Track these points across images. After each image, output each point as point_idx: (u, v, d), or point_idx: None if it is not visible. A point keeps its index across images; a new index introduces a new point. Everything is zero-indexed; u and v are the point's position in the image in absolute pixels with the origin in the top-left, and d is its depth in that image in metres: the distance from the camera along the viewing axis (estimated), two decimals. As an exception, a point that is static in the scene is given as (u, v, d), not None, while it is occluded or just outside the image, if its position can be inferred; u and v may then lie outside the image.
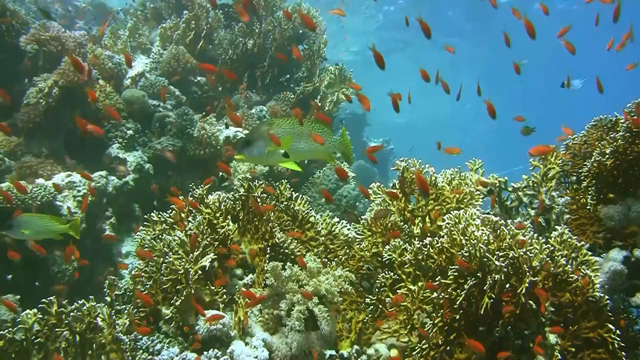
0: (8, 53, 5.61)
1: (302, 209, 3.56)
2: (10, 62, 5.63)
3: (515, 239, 2.72)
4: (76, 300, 4.82)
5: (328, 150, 3.36)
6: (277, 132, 3.18)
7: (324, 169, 6.71)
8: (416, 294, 2.91)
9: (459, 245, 2.83)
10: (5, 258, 4.65)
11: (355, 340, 3.19)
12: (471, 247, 2.70)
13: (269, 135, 3.13)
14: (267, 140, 3.14)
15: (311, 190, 6.54)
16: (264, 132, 3.18)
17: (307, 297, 2.88)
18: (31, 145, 5.46)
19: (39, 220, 3.65)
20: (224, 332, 2.90)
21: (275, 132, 3.16)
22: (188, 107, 5.96)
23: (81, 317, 2.82)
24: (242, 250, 3.37)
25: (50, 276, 4.86)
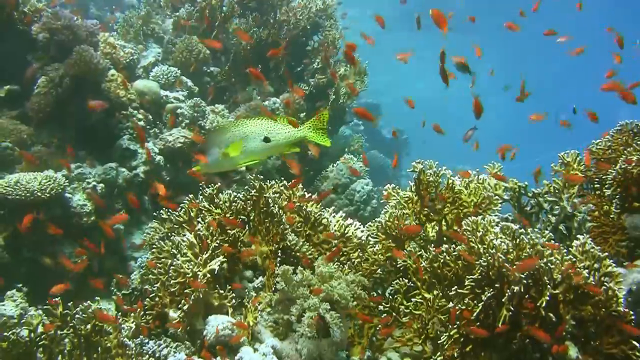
0: (20, 41, 5.53)
1: (315, 211, 3.47)
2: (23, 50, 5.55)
3: (535, 249, 2.62)
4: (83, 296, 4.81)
5: (288, 142, 3.40)
6: (225, 137, 3.25)
7: (337, 163, 6.62)
8: (431, 302, 2.82)
9: (477, 253, 2.73)
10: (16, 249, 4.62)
11: (367, 346, 3.10)
12: (489, 256, 2.61)
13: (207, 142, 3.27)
14: (220, 148, 3.24)
15: (323, 185, 6.46)
16: (216, 140, 3.26)
17: (317, 293, 2.81)
18: (41, 135, 5.38)
19: None
20: (232, 336, 2.82)
21: (225, 137, 3.24)
22: (200, 99, 5.86)
23: (86, 319, 2.75)
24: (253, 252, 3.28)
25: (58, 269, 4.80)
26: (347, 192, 6.35)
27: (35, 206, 4.59)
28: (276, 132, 3.38)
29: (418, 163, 3.38)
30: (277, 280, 2.93)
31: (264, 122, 3.35)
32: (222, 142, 3.31)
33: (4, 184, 4.57)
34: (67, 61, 5.27)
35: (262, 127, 3.34)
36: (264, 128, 3.34)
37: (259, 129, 3.33)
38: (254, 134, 3.31)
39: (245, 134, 3.30)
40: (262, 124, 3.34)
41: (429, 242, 3.28)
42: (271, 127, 3.36)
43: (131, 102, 5.71)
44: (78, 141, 5.48)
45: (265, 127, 3.34)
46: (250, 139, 3.32)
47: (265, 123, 3.36)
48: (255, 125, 3.33)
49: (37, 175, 4.70)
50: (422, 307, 2.85)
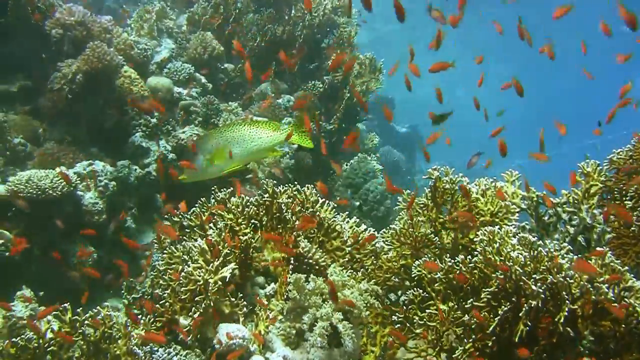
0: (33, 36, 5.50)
1: (329, 216, 3.41)
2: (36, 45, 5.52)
3: (553, 262, 2.56)
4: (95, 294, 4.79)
5: (270, 146, 3.46)
6: (209, 144, 3.30)
7: (351, 162, 6.57)
8: (446, 314, 2.76)
9: (493, 265, 2.68)
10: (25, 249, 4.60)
11: (379, 355, 3.05)
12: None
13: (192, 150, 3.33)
14: (204, 155, 3.30)
15: (337, 183, 6.41)
16: (201, 147, 3.33)
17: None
18: (54, 131, 5.36)
19: None
20: (243, 346, 2.78)
21: (208, 145, 3.30)
22: (214, 96, 5.82)
23: (95, 325, 2.71)
24: (265, 258, 3.23)
25: (69, 267, 4.78)
26: (361, 192, 6.29)
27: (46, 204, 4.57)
28: (258, 137, 3.41)
29: (434, 170, 3.33)
30: (289, 289, 2.89)
31: (246, 128, 3.39)
32: (205, 149, 3.35)
33: (15, 181, 4.55)
34: (81, 57, 5.23)
35: (245, 133, 3.37)
36: (246, 133, 3.37)
37: (242, 135, 3.36)
38: (237, 140, 3.35)
39: (228, 141, 3.34)
40: (245, 130, 3.38)
41: (444, 250, 3.22)
42: (253, 132, 3.39)
43: (144, 98, 5.67)
44: (91, 138, 5.45)
45: (247, 132, 3.37)
46: (233, 145, 3.35)
47: (247, 128, 3.40)
48: (238, 131, 3.37)
49: (49, 173, 4.67)
50: (437, 318, 2.79)
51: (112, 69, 5.30)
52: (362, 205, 6.30)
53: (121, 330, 2.74)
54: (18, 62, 5.45)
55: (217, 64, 6.49)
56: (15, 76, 5.53)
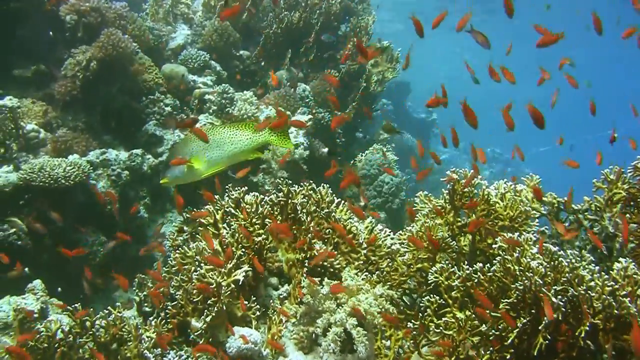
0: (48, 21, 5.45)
1: (344, 217, 3.35)
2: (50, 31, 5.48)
3: (575, 274, 2.49)
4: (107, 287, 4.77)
5: (250, 148, 3.48)
6: (189, 147, 3.34)
7: (366, 153, 6.50)
8: (463, 323, 2.70)
9: (512, 275, 2.61)
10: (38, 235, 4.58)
11: (394, 359, 3.00)
12: (526, 279, 2.49)
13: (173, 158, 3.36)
14: (184, 159, 3.33)
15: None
16: (179, 152, 3.36)
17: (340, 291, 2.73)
18: (67, 118, 5.32)
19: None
20: (256, 351, 2.73)
21: (188, 149, 3.33)
22: (229, 85, 5.75)
23: (106, 327, 2.68)
24: (278, 258, 3.18)
25: (81, 257, 4.75)
26: (376, 184, 6.23)
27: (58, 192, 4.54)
28: (238, 139, 3.43)
29: (452, 172, 3.26)
30: (303, 292, 2.84)
31: (225, 130, 3.41)
32: (186, 153, 3.37)
33: (27, 170, 4.52)
34: (95, 44, 5.19)
35: (224, 136, 3.39)
36: (225, 136, 3.39)
37: (221, 138, 3.39)
38: (217, 143, 3.38)
39: (208, 144, 3.36)
40: (224, 133, 3.40)
41: (462, 254, 3.15)
42: (233, 135, 3.42)
43: (158, 86, 5.62)
44: (104, 125, 5.41)
45: (227, 135, 3.40)
46: (214, 148, 3.38)
47: (227, 131, 3.41)
48: (217, 134, 3.39)
49: (62, 161, 4.64)
50: (454, 325, 2.73)
51: (126, 56, 5.25)
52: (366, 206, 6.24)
53: (132, 332, 2.70)
54: (33, 47, 5.41)
55: (233, 50, 6.42)
56: (29, 61, 5.49)
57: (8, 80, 5.48)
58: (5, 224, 4.52)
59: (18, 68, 5.50)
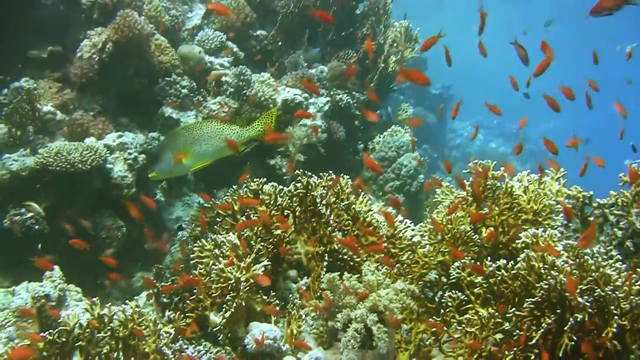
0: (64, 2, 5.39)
1: (364, 210, 3.31)
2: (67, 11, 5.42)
3: (601, 272, 2.44)
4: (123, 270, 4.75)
5: (239, 143, 3.51)
6: (177, 142, 3.38)
7: (384, 135, 6.43)
8: (486, 320, 2.66)
9: (537, 273, 2.57)
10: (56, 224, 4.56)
11: (413, 353, 2.97)
12: (551, 278, 2.44)
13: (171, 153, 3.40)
14: (172, 153, 3.38)
15: (369, 157, 6.28)
16: (168, 146, 3.41)
17: (363, 297, 2.69)
18: (83, 100, 5.28)
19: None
20: (275, 347, 2.71)
21: (176, 143, 3.38)
22: (246, 67, 5.68)
23: (125, 322, 2.65)
24: (298, 251, 3.15)
25: (98, 242, 4.74)
26: (394, 166, 6.16)
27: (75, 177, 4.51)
28: (225, 134, 3.46)
29: (475, 165, 3.20)
30: (322, 287, 2.80)
31: (213, 125, 3.45)
32: (174, 147, 3.40)
33: (44, 154, 4.49)
34: (111, 26, 5.13)
35: (212, 130, 3.43)
36: (213, 131, 3.43)
37: (209, 132, 3.42)
38: (204, 138, 3.41)
39: (195, 138, 3.39)
40: (212, 127, 3.44)
41: (484, 247, 3.10)
42: (221, 129, 3.45)
43: (175, 68, 5.56)
44: (120, 108, 5.37)
45: (215, 129, 3.43)
46: (202, 142, 3.41)
47: (214, 126, 3.45)
48: (205, 129, 3.43)
49: (79, 145, 4.61)
50: (476, 322, 2.69)
51: (142, 38, 5.19)
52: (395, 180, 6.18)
53: (150, 327, 2.67)
54: (48, 28, 5.36)
55: (250, 30, 6.34)
56: (45, 42, 5.45)
57: (24, 61, 5.44)
58: (23, 208, 4.50)
59: (33, 49, 5.46)
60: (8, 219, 4.48)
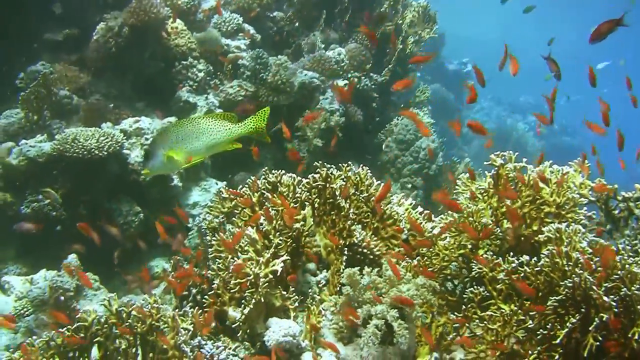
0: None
1: (384, 201, 3.26)
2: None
3: (627, 270, 2.39)
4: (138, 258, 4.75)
5: (228, 140, 3.49)
6: (168, 139, 3.35)
7: (402, 117, 6.37)
8: (508, 317, 2.62)
9: (561, 270, 2.52)
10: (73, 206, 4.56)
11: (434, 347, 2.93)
12: (575, 276, 2.39)
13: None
14: (164, 150, 3.35)
15: (387, 139, 6.23)
16: (159, 143, 3.38)
17: (377, 301, 2.65)
18: (99, 84, 5.26)
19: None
20: (294, 343, 2.68)
21: (167, 140, 3.35)
22: (263, 50, 5.62)
23: (143, 317, 2.63)
24: (317, 243, 3.11)
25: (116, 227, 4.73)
26: (412, 149, 6.10)
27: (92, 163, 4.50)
28: (217, 131, 3.44)
29: (497, 156, 3.14)
30: (342, 282, 2.77)
31: (204, 121, 3.43)
32: (166, 144, 3.38)
33: (61, 140, 4.48)
34: (126, 10, 5.09)
35: (203, 127, 3.42)
36: (204, 127, 3.42)
37: (200, 129, 3.41)
38: (195, 134, 3.40)
39: (187, 135, 3.38)
40: (203, 123, 3.43)
41: (506, 241, 3.05)
42: (212, 126, 3.44)
43: (191, 51, 5.52)
44: (136, 92, 5.35)
45: (206, 126, 3.42)
46: (193, 139, 3.40)
47: (205, 122, 3.43)
48: (197, 125, 3.41)
49: (95, 132, 4.59)
50: (498, 319, 2.65)
51: (158, 22, 5.15)
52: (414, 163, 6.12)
53: (169, 323, 2.66)
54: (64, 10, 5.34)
55: (266, 12, 6.28)
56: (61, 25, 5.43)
57: (40, 44, 5.43)
58: (40, 195, 4.50)
59: (49, 32, 5.44)
60: (25, 205, 4.49)
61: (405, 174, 6.05)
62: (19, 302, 3.94)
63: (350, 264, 2.89)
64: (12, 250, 4.62)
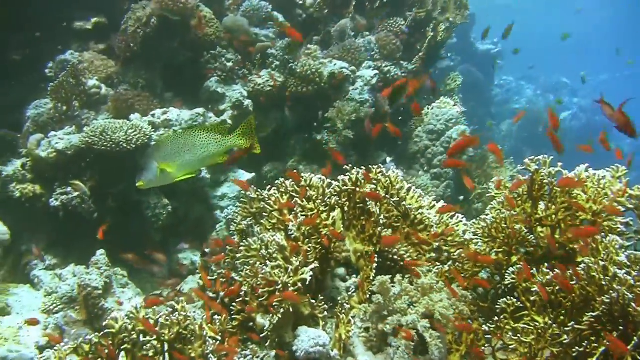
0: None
1: (414, 206, 3.20)
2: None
3: (668, 286, 2.32)
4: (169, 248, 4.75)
5: (219, 152, 3.56)
6: (162, 151, 3.41)
7: (432, 106, 6.28)
8: (542, 331, 2.56)
9: (598, 284, 2.45)
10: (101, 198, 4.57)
11: (465, 354, 2.88)
12: (613, 292, 2.33)
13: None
14: (157, 163, 3.41)
15: (417, 129, 6.15)
16: (153, 155, 3.44)
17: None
18: (127, 74, 5.24)
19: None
20: (324, 353, 2.64)
21: (161, 152, 3.41)
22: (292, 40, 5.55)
23: (170, 325, 2.61)
24: (346, 248, 3.06)
25: (144, 220, 4.73)
26: (443, 140, 6.01)
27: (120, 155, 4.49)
28: (208, 143, 3.50)
29: (532, 162, 3.06)
30: (373, 290, 2.73)
31: (197, 134, 3.49)
32: (159, 157, 3.44)
33: (90, 133, 4.47)
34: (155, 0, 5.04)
35: (196, 140, 3.47)
36: (197, 140, 3.47)
37: (193, 142, 3.47)
38: (188, 147, 3.46)
39: (180, 148, 3.44)
40: (196, 136, 3.48)
41: (539, 247, 2.98)
42: (204, 139, 3.50)
43: (220, 40, 5.46)
44: (165, 82, 5.32)
45: (198, 139, 3.48)
46: (186, 152, 3.46)
47: (198, 134, 3.49)
48: (190, 138, 3.47)
49: (124, 124, 4.57)
50: (532, 332, 2.59)
51: (187, 11, 5.09)
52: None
53: (197, 331, 2.63)
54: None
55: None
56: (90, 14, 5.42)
57: (69, 33, 5.41)
58: (69, 187, 4.50)
59: (78, 21, 5.42)
60: (54, 197, 4.50)
61: (435, 165, 5.97)
62: (48, 298, 3.96)
63: (380, 270, 2.84)
64: (43, 241, 4.64)
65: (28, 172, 4.62)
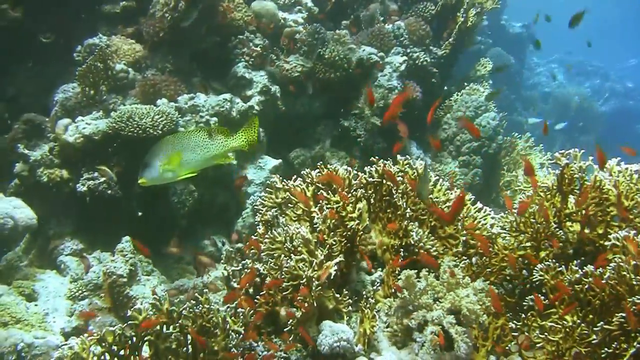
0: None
1: (442, 199, 3.15)
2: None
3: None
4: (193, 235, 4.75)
5: (222, 153, 3.57)
6: (165, 150, 3.42)
7: (461, 93, 6.20)
8: (570, 330, 2.51)
9: (628, 284, 2.39)
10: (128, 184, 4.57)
11: (491, 350, 2.84)
12: (645, 293, 2.28)
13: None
14: (160, 160, 3.42)
15: (446, 116, 6.08)
16: (156, 153, 3.43)
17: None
18: (155, 59, 5.22)
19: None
20: (348, 348, 2.62)
21: (164, 151, 3.42)
22: (320, 25, 5.49)
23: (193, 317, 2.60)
24: (372, 241, 3.03)
25: (170, 206, 4.72)
26: (473, 127, 5.94)
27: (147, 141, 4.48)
28: (211, 144, 3.52)
29: (562, 156, 2.99)
30: (399, 284, 2.69)
31: (201, 135, 3.51)
32: (162, 155, 3.44)
33: (117, 118, 4.47)
34: (183, -16, 5.01)
35: (199, 140, 3.50)
36: (199, 141, 3.50)
37: (196, 142, 3.49)
38: (191, 147, 3.48)
39: (184, 147, 3.46)
40: (199, 137, 3.50)
41: (569, 243, 2.92)
42: (205, 139, 3.51)
43: (247, 25, 5.42)
44: (192, 67, 5.29)
45: (201, 139, 3.50)
46: (189, 151, 3.47)
47: (202, 135, 3.51)
48: (193, 138, 3.50)
49: (150, 110, 4.57)
50: (559, 331, 2.54)
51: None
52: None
53: (220, 324, 2.62)
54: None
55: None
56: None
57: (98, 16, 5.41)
58: (96, 172, 4.51)
59: (107, 4, 5.41)
60: (81, 182, 4.50)
61: (464, 152, 5.90)
62: (73, 284, 3.97)
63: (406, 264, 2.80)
64: (70, 226, 4.66)
65: (55, 156, 4.63)
